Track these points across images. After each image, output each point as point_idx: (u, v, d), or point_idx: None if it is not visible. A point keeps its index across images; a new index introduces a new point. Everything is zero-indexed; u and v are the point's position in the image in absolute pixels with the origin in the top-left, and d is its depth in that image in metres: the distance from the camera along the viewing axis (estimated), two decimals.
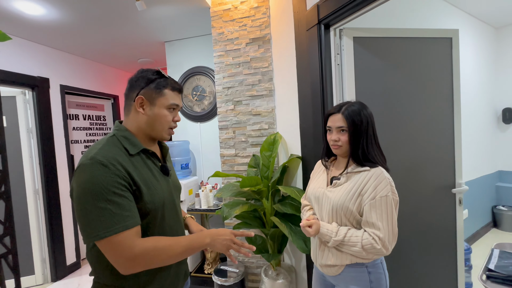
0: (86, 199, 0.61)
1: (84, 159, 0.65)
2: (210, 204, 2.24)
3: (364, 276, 0.94)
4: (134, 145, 0.74)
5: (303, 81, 1.58)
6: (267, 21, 1.81)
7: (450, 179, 1.54)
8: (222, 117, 1.96)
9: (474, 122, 2.76)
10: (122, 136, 0.74)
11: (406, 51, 1.46)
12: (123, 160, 0.69)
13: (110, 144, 0.71)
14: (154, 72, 0.78)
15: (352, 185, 0.93)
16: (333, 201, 0.95)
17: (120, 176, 0.65)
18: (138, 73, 0.78)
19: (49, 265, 2.47)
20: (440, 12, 2.35)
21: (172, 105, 0.79)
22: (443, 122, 1.52)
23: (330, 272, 1.00)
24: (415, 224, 1.49)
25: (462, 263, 1.58)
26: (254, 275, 1.94)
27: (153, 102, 0.76)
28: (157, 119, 0.77)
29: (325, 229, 0.94)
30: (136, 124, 0.77)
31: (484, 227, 2.96)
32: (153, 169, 0.78)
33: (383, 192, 0.88)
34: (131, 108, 0.77)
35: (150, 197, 0.72)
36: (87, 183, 0.62)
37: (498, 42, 3.10)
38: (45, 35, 2.31)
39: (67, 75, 2.74)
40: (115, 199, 0.63)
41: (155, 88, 0.76)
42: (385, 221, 0.87)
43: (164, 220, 0.77)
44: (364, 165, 0.93)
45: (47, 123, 2.47)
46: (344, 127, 0.95)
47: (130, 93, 0.77)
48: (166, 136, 0.81)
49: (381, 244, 0.86)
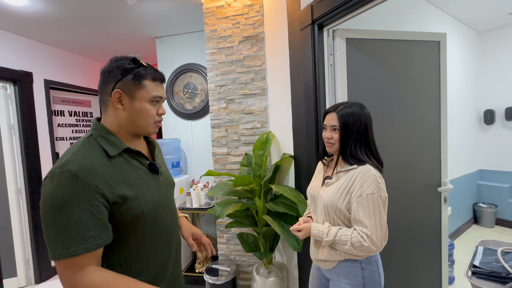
0: (48, 212, 0.55)
1: (55, 166, 0.58)
2: (201, 203, 2.22)
3: (357, 271, 0.96)
4: (114, 145, 0.67)
5: (296, 81, 1.59)
6: (261, 20, 1.81)
7: (436, 178, 1.59)
8: (215, 115, 1.94)
9: (458, 123, 2.87)
10: (99, 136, 0.67)
11: (397, 53, 1.50)
12: (101, 165, 0.62)
13: (86, 147, 0.63)
14: (129, 60, 0.69)
15: (341, 183, 0.95)
16: (324, 200, 0.98)
17: (91, 188, 0.58)
18: (111, 63, 0.68)
19: (33, 266, 2.38)
20: (429, 16, 2.42)
21: (155, 97, 0.70)
22: (430, 123, 1.57)
23: (324, 266, 1.04)
24: (403, 221, 1.54)
25: (446, 259, 1.65)
26: (245, 273, 1.94)
27: (132, 96, 0.67)
28: (139, 115, 0.69)
29: (316, 231, 0.98)
30: (116, 121, 0.69)
31: (466, 223, 3.10)
32: (140, 169, 0.71)
33: (369, 190, 0.89)
34: (108, 104, 0.68)
35: (137, 201, 0.66)
36: (51, 194, 0.55)
37: (481, 46, 3.23)
38: (28, 27, 2.20)
39: (52, 70, 2.63)
40: (78, 215, 0.55)
41: (133, 79, 0.67)
42: (372, 218, 0.88)
43: (157, 223, 0.72)
44: (353, 164, 0.96)
45: (30, 119, 2.37)
46: (336, 126, 0.98)
47: (105, 86, 0.68)
48: (152, 130, 0.73)
49: (369, 242, 0.87)
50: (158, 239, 0.73)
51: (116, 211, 0.63)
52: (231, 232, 1.96)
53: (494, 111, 3.15)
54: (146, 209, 0.68)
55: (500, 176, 3.17)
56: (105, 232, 0.60)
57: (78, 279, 0.56)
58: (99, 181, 0.59)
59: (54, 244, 0.55)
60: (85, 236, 0.56)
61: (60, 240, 0.54)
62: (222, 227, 1.97)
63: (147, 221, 0.69)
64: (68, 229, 0.55)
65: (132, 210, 0.65)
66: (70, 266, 0.56)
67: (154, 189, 0.73)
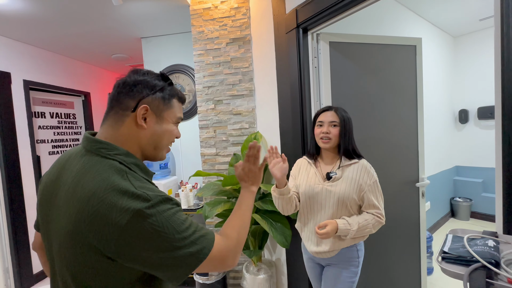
0: (171, 233, 0.51)
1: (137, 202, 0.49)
2: (190, 204, 2.23)
3: (354, 254, 1.11)
4: (147, 172, 0.61)
5: (283, 82, 1.64)
6: (247, 22, 1.84)
7: (414, 174, 1.69)
8: (203, 116, 1.95)
9: (435, 122, 3.03)
10: (133, 164, 0.57)
11: (376, 57, 1.58)
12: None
13: (135, 176, 0.56)
14: (157, 76, 0.63)
15: (350, 177, 1.08)
16: (338, 194, 1.07)
17: (177, 202, 0.57)
18: (136, 75, 0.61)
19: (13, 274, 2.28)
20: (407, 21, 2.55)
21: (179, 119, 0.66)
22: (408, 122, 1.67)
23: (325, 255, 1.13)
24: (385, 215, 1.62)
25: (425, 250, 1.75)
26: (235, 272, 1.97)
27: (160, 115, 0.61)
28: (164, 136, 0.63)
29: (342, 225, 1.02)
30: (133, 141, 0.59)
31: (444, 217, 3.28)
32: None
33: (373, 178, 1.09)
34: (124, 119, 0.58)
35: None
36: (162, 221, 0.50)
37: (455, 50, 3.43)
38: (6, 26, 2.12)
39: (32, 70, 2.54)
40: (192, 222, 0.57)
41: (162, 98, 0.61)
42: (379, 199, 1.09)
43: None
44: (353, 158, 1.10)
45: (9, 121, 2.28)
46: (336, 122, 1.10)
47: (125, 99, 0.59)
48: (164, 156, 0.68)
49: (382, 218, 1.07)
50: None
51: None
52: None
53: (468, 110, 3.35)
54: None
55: (474, 171, 3.38)
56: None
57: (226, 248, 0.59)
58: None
59: (198, 246, 0.54)
60: (203, 227, 0.58)
61: (199, 241, 0.54)
62: (212, 227, 1.98)
63: None
64: (192, 234, 0.54)
65: None
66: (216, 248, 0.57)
67: None
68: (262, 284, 1.67)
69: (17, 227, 2.29)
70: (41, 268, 2.51)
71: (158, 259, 0.50)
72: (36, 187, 2.50)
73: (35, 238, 0.75)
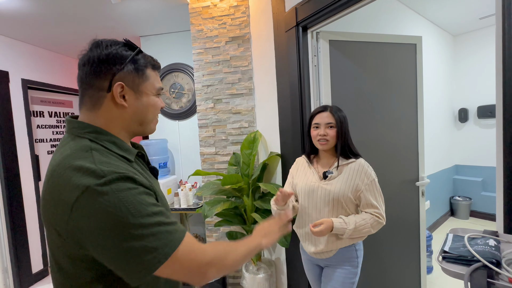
0: (126, 223, 0.44)
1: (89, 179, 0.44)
2: (189, 203, 2.22)
3: (353, 254, 1.10)
4: (126, 150, 0.57)
5: (282, 81, 1.63)
6: (247, 21, 1.83)
7: (414, 173, 1.69)
8: (202, 115, 1.95)
9: (435, 121, 3.03)
10: (107, 142, 0.54)
11: (376, 55, 1.57)
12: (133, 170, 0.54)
13: (102, 152, 0.51)
14: (122, 45, 0.56)
15: (346, 176, 1.07)
16: (333, 192, 1.06)
17: (149, 188, 0.51)
18: (99, 49, 0.54)
19: (12, 274, 2.28)
20: (407, 19, 2.54)
21: (159, 89, 0.62)
22: (408, 121, 1.66)
23: (323, 256, 1.12)
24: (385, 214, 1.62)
25: (424, 249, 1.75)
26: (235, 271, 1.96)
27: (137, 89, 0.57)
28: (148, 110, 0.59)
29: (338, 223, 1.01)
30: (114, 121, 0.56)
31: (443, 216, 3.28)
32: (147, 174, 0.63)
33: (371, 177, 1.06)
34: (101, 101, 0.55)
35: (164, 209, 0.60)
36: (116, 204, 0.44)
37: (455, 48, 3.43)
38: (4, 25, 2.10)
39: (30, 69, 2.52)
40: (158, 209, 0.50)
41: (135, 70, 0.56)
42: (378, 199, 1.06)
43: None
44: (350, 157, 1.09)
45: (7, 120, 2.27)
46: (332, 123, 1.08)
47: (95, 79, 0.53)
48: (155, 127, 0.65)
49: (381, 218, 1.04)
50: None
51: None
52: (220, 231, 1.98)
53: (468, 109, 3.35)
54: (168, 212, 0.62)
55: (474, 170, 3.38)
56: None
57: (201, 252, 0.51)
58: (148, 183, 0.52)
59: (157, 242, 0.46)
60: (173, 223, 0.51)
61: (161, 236, 0.47)
62: (211, 226, 1.98)
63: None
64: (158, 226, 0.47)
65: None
66: (185, 249, 0.49)
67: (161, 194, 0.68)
68: (261, 283, 1.66)
69: (16, 226, 2.28)
70: (40, 267, 2.50)
71: (108, 248, 0.44)
72: (34, 186, 2.50)
73: None
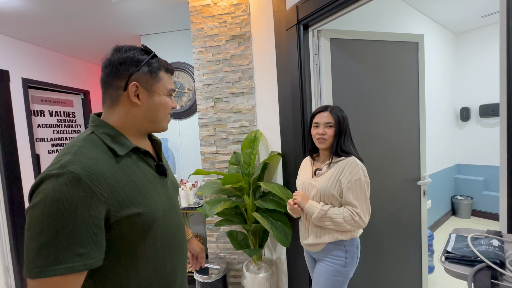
0: (37, 220, 0.45)
1: (52, 166, 0.49)
2: (190, 202, 2.22)
3: (341, 252, 1.11)
4: (121, 144, 0.60)
5: (283, 80, 1.62)
6: (247, 19, 1.82)
7: (416, 172, 1.68)
8: (202, 114, 1.94)
9: (436, 120, 3.01)
10: (104, 134, 0.59)
11: (378, 54, 1.56)
12: (107, 167, 0.54)
13: (90, 145, 0.55)
14: (140, 50, 0.64)
15: (331, 173, 1.09)
16: (317, 188, 1.11)
17: (95, 196, 0.49)
18: (119, 53, 0.62)
19: (13, 273, 2.28)
20: (408, 17, 2.52)
21: (171, 90, 0.68)
22: (410, 120, 1.65)
23: (313, 249, 1.16)
24: (385, 214, 1.61)
25: (426, 249, 1.74)
26: (235, 270, 1.96)
27: (150, 89, 0.63)
28: (159, 109, 0.65)
29: (310, 204, 1.10)
30: (127, 118, 0.63)
31: (445, 215, 3.27)
32: (148, 172, 0.64)
33: (357, 176, 1.05)
34: (119, 99, 0.62)
35: (146, 208, 0.59)
36: (44, 199, 0.46)
37: (457, 47, 3.40)
38: (4, 23, 2.10)
39: (30, 68, 2.52)
40: (72, 227, 0.46)
41: (149, 72, 0.63)
42: (360, 199, 1.04)
43: (167, 231, 0.66)
44: (341, 156, 1.10)
45: (8, 119, 2.26)
46: (331, 123, 1.11)
47: (115, 80, 0.61)
48: (167, 125, 0.70)
49: (358, 217, 1.03)
50: (168, 250, 0.66)
51: (125, 222, 0.54)
52: (220, 231, 1.97)
53: (470, 108, 3.33)
54: (157, 217, 0.61)
55: (476, 169, 3.37)
56: (98, 252, 0.50)
57: None
58: (104, 187, 0.51)
59: (36, 257, 0.44)
60: (74, 253, 0.46)
61: (44, 254, 0.44)
62: (212, 225, 1.98)
63: (157, 231, 0.62)
64: (56, 242, 0.45)
65: (143, 218, 0.57)
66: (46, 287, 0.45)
67: (163, 194, 0.66)
68: (262, 283, 1.66)
69: (17, 226, 2.28)
70: None
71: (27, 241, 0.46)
72: None
73: None
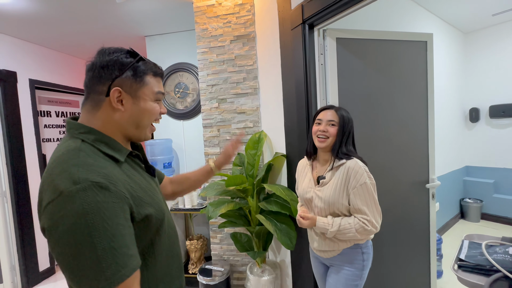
0: (80, 239, 0.44)
1: (65, 184, 0.46)
2: (194, 203, 2.21)
3: (358, 256, 1.07)
4: (117, 150, 0.59)
5: (288, 80, 1.60)
6: (252, 19, 1.81)
7: (424, 174, 1.63)
8: (206, 115, 1.93)
9: (445, 121, 2.95)
10: (97, 141, 0.56)
11: (385, 53, 1.52)
12: (117, 172, 0.54)
13: (89, 154, 0.53)
14: (125, 53, 0.60)
15: (337, 181, 1.04)
16: (325, 199, 1.05)
17: (124, 199, 0.50)
18: (102, 56, 0.59)
19: (19, 272, 2.31)
20: (415, 16, 2.48)
21: (158, 94, 0.64)
22: (418, 121, 1.61)
23: (328, 255, 1.10)
24: (392, 217, 1.57)
25: (435, 253, 1.69)
26: (239, 273, 1.94)
27: (135, 94, 0.60)
28: (144, 115, 0.62)
29: (321, 223, 1.04)
30: (111, 123, 0.59)
31: (453, 218, 3.19)
32: (143, 174, 0.65)
33: (362, 180, 1.00)
34: (101, 104, 0.58)
35: (156, 206, 0.60)
36: (78, 217, 0.45)
37: (466, 46, 3.33)
38: (11, 25, 2.13)
39: (37, 69, 2.55)
40: (119, 233, 0.47)
41: (133, 76, 0.59)
42: (369, 205, 1.00)
43: (170, 231, 0.67)
44: (342, 158, 1.05)
45: (15, 120, 2.29)
46: (334, 121, 1.06)
47: (97, 84, 0.58)
48: (149, 134, 0.67)
49: (370, 225, 0.98)
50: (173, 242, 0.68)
51: (144, 221, 0.56)
52: (224, 232, 1.96)
53: (479, 109, 3.25)
54: (162, 215, 0.62)
55: (485, 172, 3.28)
56: (136, 249, 0.52)
57: None
58: (124, 190, 0.52)
59: (96, 273, 0.44)
60: (128, 255, 0.48)
61: (105, 266, 0.45)
62: (215, 227, 1.96)
63: (166, 225, 0.64)
64: (112, 251, 0.46)
65: (156, 217, 0.59)
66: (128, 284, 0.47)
67: (159, 194, 0.67)
68: (266, 286, 1.64)
69: (23, 225, 2.31)
70: (47, 265, 2.53)
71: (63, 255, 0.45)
72: None
73: None
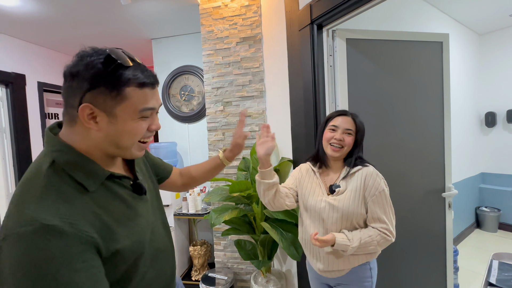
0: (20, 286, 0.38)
1: (14, 223, 0.40)
2: (198, 208, 2.16)
3: (367, 273, 1.00)
4: (91, 175, 0.49)
5: (295, 83, 1.54)
6: (258, 20, 1.77)
7: (440, 182, 1.54)
8: (211, 118, 1.89)
9: (459, 125, 2.82)
10: (68, 164, 0.47)
11: (398, 54, 1.45)
12: (83, 205, 0.46)
13: (56, 183, 0.45)
14: (103, 57, 0.46)
15: (354, 189, 0.97)
16: (343, 209, 0.96)
17: (83, 239, 0.43)
18: (78, 61, 0.47)
19: None
20: (429, 17, 2.39)
21: (144, 111, 0.50)
22: (433, 126, 1.52)
23: (333, 275, 1.01)
24: (406, 227, 1.48)
25: (451, 265, 1.59)
26: (243, 281, 1.88)
27: (110, 112, 0.48)
28: (122, 135, 0.50)
29: (340, 239, 0.91)
30: (89, 141, 0.50)
31: (468, 228, 3.04)
32: (126, 196, 0.55)
33: (380, 187, 0.95)
34: (75, 119, 0.48)
35: (130, 241, 0.52)
36: (20, 264, 0.38)
37: (481, 48, 3.20)
38: (20, 28, 2.16)
39: (45, 72, 2.58)
40: (74, 281, 0.41)
41: (108, 90, 0.46)
42: (387, 212, 0.95)
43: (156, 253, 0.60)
44: (356, 165, 0.99)
45: (23, 122, 2.31)
46: (351, 130, 0.99)
47: (69, 96, 0.48)
48: (138, 153, 0.56)
49: (391, 235, 0.93)
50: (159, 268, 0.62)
51: (116, 256, 0.49)
52: (228, 239, 1.90)
53: (496, 113, 3.11)
54: (145, 240, 0.56)
55: (503, 179, 3.12)
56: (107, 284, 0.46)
57: None
58: (89, 228, 0.44)
59: None
60: None
61: None
62: (219, 233, 1.91)
63: (148, 251, 0.57)
64: None
65: (132, 248, 0.52)
66: None
67: (145, 215, 0.59)
68: None
69: None
70: None
71: None
72: None
73: None
